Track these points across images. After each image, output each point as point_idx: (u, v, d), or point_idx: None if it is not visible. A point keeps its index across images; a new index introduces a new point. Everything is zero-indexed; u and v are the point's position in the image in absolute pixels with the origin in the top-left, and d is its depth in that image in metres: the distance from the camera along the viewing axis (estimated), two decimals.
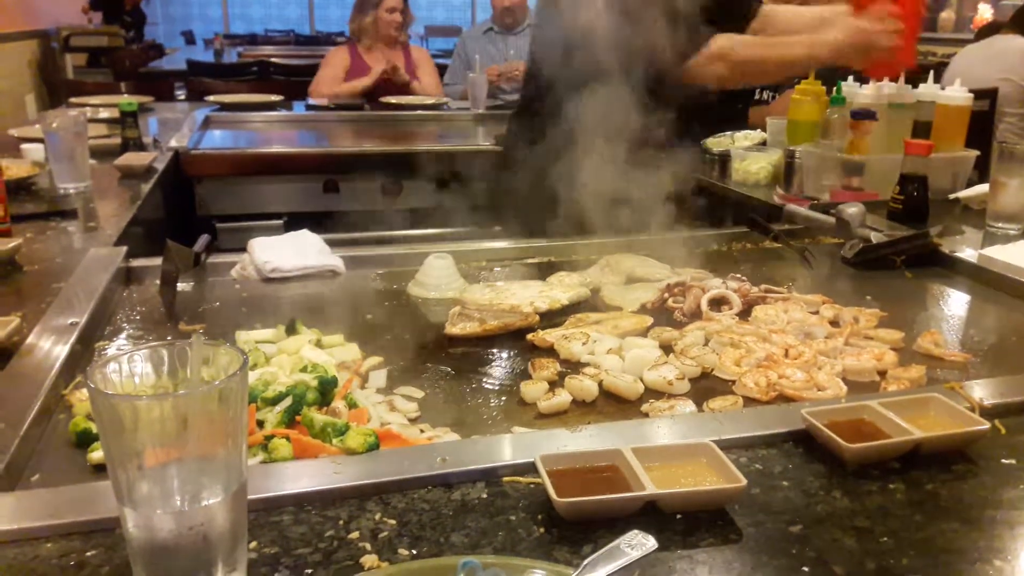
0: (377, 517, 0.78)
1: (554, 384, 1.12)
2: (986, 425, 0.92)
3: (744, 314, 1.40)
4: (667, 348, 1.25)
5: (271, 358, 1.14)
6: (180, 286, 1.46)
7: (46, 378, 1.05)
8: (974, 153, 2.25)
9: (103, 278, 1.42)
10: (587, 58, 1.80)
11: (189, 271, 1.52)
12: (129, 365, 0.70)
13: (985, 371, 1.20)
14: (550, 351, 1.25)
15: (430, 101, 4.00)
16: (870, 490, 0.85)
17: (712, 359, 1.19)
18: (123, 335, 1.30)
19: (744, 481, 0.79)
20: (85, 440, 0.93)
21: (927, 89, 2.25)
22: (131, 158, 2.45)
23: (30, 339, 1.16)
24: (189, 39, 11.42)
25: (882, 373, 1.17)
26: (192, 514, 0.65)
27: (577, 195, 1.81)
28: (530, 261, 1.73)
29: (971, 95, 2.26)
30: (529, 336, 1.29)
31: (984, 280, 1.58)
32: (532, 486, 0.83)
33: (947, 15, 8.83)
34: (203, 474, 0.66)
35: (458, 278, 1.53)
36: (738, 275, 1.53)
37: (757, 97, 3.42)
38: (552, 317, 1.38)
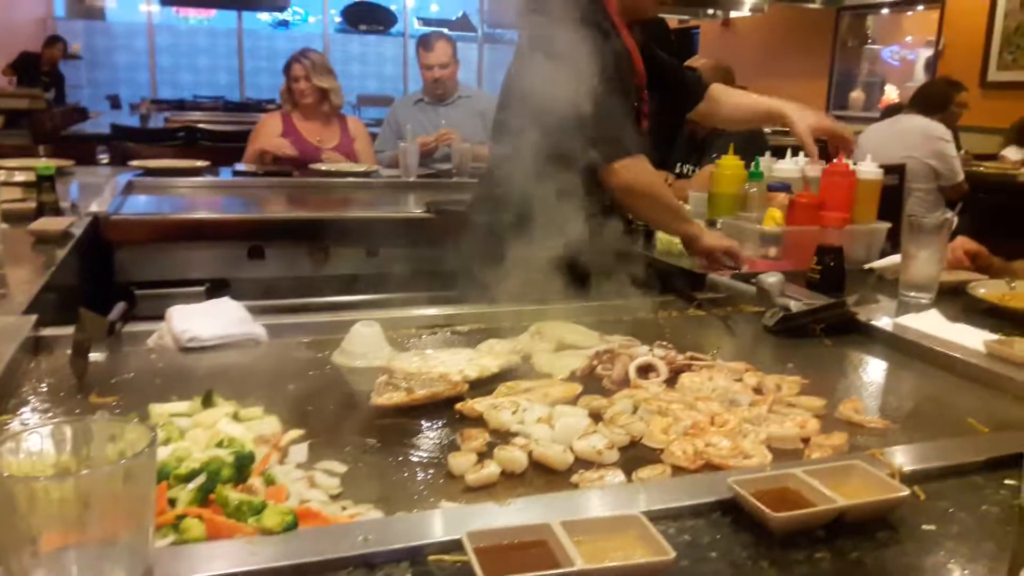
0: None
1: (483, 455, 1.10)
2: (906, 492, 0.93)
3: (671, 381, 1.41)
4: (596, 416, 1.24)
5: (186, 432, 1.09)
6: (93, 356, 1.40)
7: None
8: (886, 225, 2.35)
9: (9, 348, 1.35)
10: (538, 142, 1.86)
11: (103, 340, 1.45)
12: (28, 443, 0.66)
13: (904, 437, 1.23)
14: (479, 421, 1.23)
15: (361, 168, 4.01)
16: (797, 559, 0.85)
17: (640, 427, 1.19)
18: (29, 408, 1.23)
19: (673, 554, 0.78)
20: None
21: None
22: (46, 223, 2.37)
23: None
24: (115, 103, 11.25)
25: (805, 440, 1.19)
26: None
27: (510, 263, 1.82)
28: (460, 328, 1.72)
29: (881, 171, 2.37)
30: (458, 406, 1.26)
31: (899, 348, 1.63)
32: (459, 565, 0.80)
33: (857, 94, 9.37)
34: (104, 559, 0.62)
35: (385, 346, 1.50)
36: (664, 343, 1.54)
37: (678, 171, 3.54)
38: (482, 385, 1.36)
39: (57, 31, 12.16)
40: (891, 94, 9.01)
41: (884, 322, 1.70)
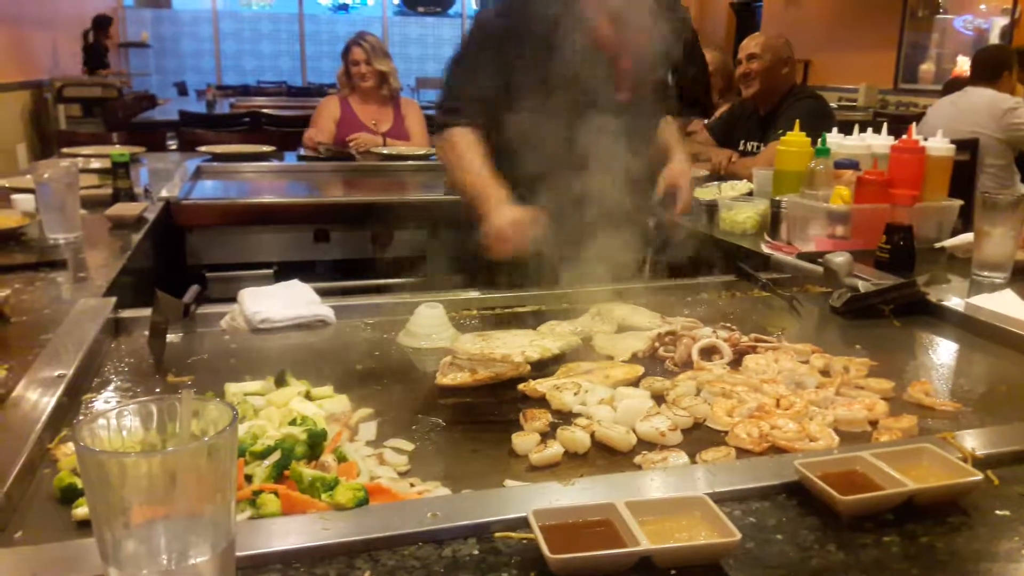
0: (366, 575, 0.77)
1: (546, 435, 1.11)
2: (979, 476, 0.91)
3: (735, 363, 1.40)
4: (659, 398, 1.24)
5: (260, 411, 1.13)
6: (169, 337, 1.45)
7: (32, 431, 1.03)
8: (957, 203, 2.28)
9: (92, 329, 1.41)
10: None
11: (178, 322, 1.51)
12: (117, 420, 0.69)
13: (976, 420, 1.20)
14: (541, 401, 1.24)
15: (420, 151, 4.04)
16: (865, 543, 0.84)
17: (704, 409, 1.19)
18: (111, 387, 1.29)
19: (738, 535, 0.78)
20: (70, 495, 0.92)
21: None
22: (122, 208, 2.45)
23: (16, 391, 1.15)
24: (182, 90, 11.54)
25: (873, 423, 1.17)
26: (179, 573, 0.64)
27: (567, 242, 1.82)
28: (521, 310, 1.73)
29: (953, 146, 2.30)
30: (520, 386, 1.28)
31: (972, 329, 1.58)
32: (525, 542, 0.82)
33: (927, 67, 9.03)
34: (190, 532, 0.65)
35: (449, 327, 1.52)
36: (728, 324, 1.53)
37: (742, 149, 3.48)
38: (543, 366, 1.37)
39: (126, 20, 12.50)
40: (963, 66, 8.65)
41: (955, 302, 1.66)
